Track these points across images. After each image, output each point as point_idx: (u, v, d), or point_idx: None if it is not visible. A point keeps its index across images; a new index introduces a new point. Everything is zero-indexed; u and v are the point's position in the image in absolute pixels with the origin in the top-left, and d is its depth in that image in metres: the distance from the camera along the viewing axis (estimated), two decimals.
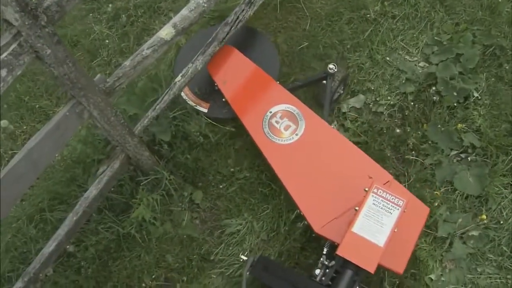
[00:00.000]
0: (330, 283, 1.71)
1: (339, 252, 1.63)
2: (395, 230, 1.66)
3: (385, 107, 2.38)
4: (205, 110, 2.33)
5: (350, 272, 1.67)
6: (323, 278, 1.74)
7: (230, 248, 2.14)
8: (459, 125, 2.28)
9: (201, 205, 2.23)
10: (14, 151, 2.53)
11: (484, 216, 2.12)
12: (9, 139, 2.61)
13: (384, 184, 1.88)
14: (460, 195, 2.18)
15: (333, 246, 1.82)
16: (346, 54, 2.48)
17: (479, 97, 2.35)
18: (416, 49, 2.51)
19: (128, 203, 2.13)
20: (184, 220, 2.19)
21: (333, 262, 1.75)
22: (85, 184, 2.17)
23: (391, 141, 2.29)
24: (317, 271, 1.77)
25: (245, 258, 1.95)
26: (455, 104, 2.31)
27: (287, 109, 2.16)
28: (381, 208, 1.69)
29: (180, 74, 2.17)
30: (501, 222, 2.12)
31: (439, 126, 2.28)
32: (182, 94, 2.32)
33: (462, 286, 2.03)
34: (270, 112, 2.16)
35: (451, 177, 2.21)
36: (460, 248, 2.10)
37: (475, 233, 2.11)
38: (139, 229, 2.09)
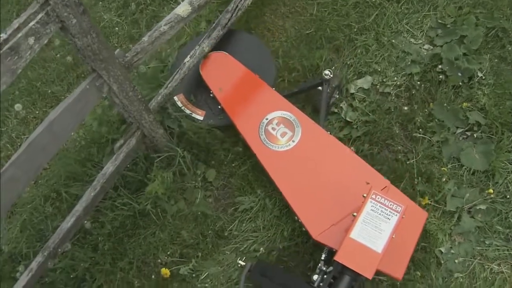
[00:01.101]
0: None
1: (337, 258, 1.62)
2: (393, 236, 1.65)
3: (391, 88, 2.44)
4: (201, 118, 2.31)
5: (348, 278, 1.65)
6: (321, 284, 1.74)
7: (244, 224, 2.18)
8: (464, 104, 2.34)
9: (214, 183, 2.28)
10: (27, 136, 2.56)
11: (491, 190, 2.17)
12: (21, 124, 2.65)
13: (382, 189, 1.88)
14: (467, 171, 2.23)
15: (331, 252, 1.83)
16: (353, 36, 2.54)
17: (483, 77, 2.41)
18: (420, 32, 2.57)
19: (142, 181, 2.17)
20: (198, 198, 2.23)
21: (331, 268, 1.74)
22: (100, 163, 2.20)
23: (398, 120, 2.34)
24: (315, 277, 1.77)
25: (243, 263, 1.97)
26: (460, 83, 2.37)
27: (283, 115, 2.16)
28: (379, 214, 1.68)
29: (189, 55, 2.23)
30: (508, 196, 2.17)
31: (445, 104, 2.34)
32: (178, 102, 2.32)
33: (471, 258, 2.08)
34: (267, 119, 2.16)
35: (457, 153, 2.27)
36: (468, 222, 2.15)
37: (482, 207, 2.16)
38: (154, 206, 2.12)
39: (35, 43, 1.44)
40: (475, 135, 2.29)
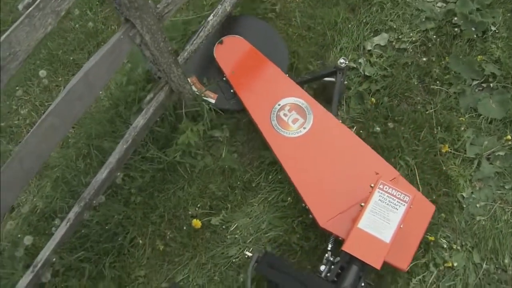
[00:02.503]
0: (335, 279, 1.70)
1: (345, 248, 1.62)
2: (401, 226, 1.66)
3: (407, 44, 2.50)
4: (213, 101, 2.31)
5: (355, 268, 1.65)
6: (328, 274, 1.73)
7: (270, 176, 2.23)
8: (479, 57, 2.40)
9: (239, 139, 2.33)
10: (50, 102, 2.61)
11: (509, 137, 2.23)
12: (44, 92, 2.70)
13: (391, 180, 1.84)
14: (485, 120, 2.30)
15: (337, 242, 1.84)
16: None
17: (497, 31, 2.47)
18: None
19: (170, 136, 2.22)
20: (223, 153, 2.28)
21: (338, 258, 1.73)
22: (128, 121, 2.25)
23: (416, 73, 2.40)
24: (322, 267, 1.76)
25: (250, 254, 1.96)
26: (474, 36, 2.43)
27: (296, 102, 2.15)
28: (387, 204, 1.69)
29: (212, 14, 2.28)
30: None
31: (460, 57, 2.40)
32: (191, 83, 2.31)
33: (491, 202, 2.15)
34: (279, 105, 2.16)
35: (474, 104, 2.33)
36: (487, 168, 2.21)
37: (501, 153, 2.23)
38: (183, 156, 2.17)
39: None
40: (491, 85, 2.35)
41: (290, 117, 2.12)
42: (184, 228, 2.15)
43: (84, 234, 2.09)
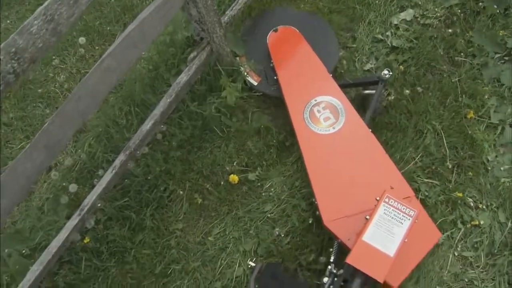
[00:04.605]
0: None
1: (349, 260, 1.61)
2: (406, 241, 1.66)
3: (432, 19, 2.62)
4: (255, 83, 2.38)
5: (359, 281, 1.64)
6: (331, 287, 1.75)
7: None
8: (501, 32, 2.53)
9: (271, 102, 2.42)
10: (86, 70, 2.71)
11: None
12: (80, 61, 2.79)
13: (404, 199, 1.81)
14: (507, 89, 2.40)
15: (341, 253, 1.84)
16: None
17: None
18: None
19: (208, 95, 2.32)
20: (256, 113, 2.38)
21: (341, 271, 1.74)
22: (168, 82, 2.35)
23: (441, 44, 2.52)
24: (325, 279, 1.77)
25: (253, 264, 1.98)
26: (497, 12, 2.56)
27: (332, 101, 2.19)
28: (392, 218, 1.69)
29: None
30: None
31: (483, 31, 2.52)
32: (238, 61, 2.40)
33: None
34: (315, 100, 2.19)
35: (497, 75, 2.45)
36: (511, 134, 2.32)
37: None
38: (219, 113, 2.25)
39: None
40: None
41: (323, 115, 2.16)
42: (222, 183, 2.24)
43: (126, 185, 2.16)
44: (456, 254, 2.08)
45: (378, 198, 1.75)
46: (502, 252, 2.06)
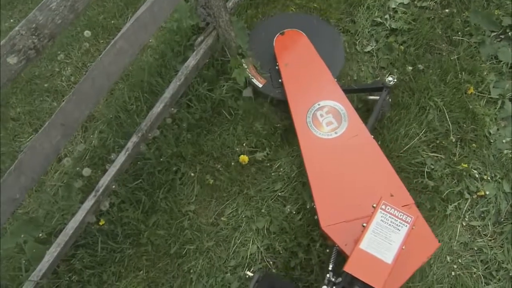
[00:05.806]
0: None
1: (346, 268, 1.59)
2: (403, 248, 1.63)
3: (428, 2, 2.70)
4: (260, 85, 2.39)
5: None
6: None
7: None
8: (496, 11, 2.61)
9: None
10: (91, 63, 2.75)
11: None
12: (85, 55, 2.84)
13: (403, 206, 1.76)
14: (505, 65, 2.48)
15: (339, 261, 1.82)
16: None
17: None
18: None
19: (216, 79, 2.36)
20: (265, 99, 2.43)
21: (339, 279, 1.72)
22: (175, 68, 2.40)
23: (438, 26, 2.59)
24: None
25: (251, 274, 1.98)
26: None
27: (336, 106, 2.18)
28: (389, 224, 1.66)
29: None
30: None
31: (479, 10, 2.60)
32: (244, 63, 2.41)
33: None
34: (319, 104, 2.19)
35: (494, 52, 2.52)
36: (511, 107, 2.38)
37: None
38: (228, 94, 2.30)
39: None
40: (509, 33, 2.54)
41: (325, 119, 2.16)
42: (232, 164, 2.28)
43: (139, 168, 2.20)
44: (464, 224, 2.13)
45: (375, 205, 1.73)
46: (509, 220, 2.11)
